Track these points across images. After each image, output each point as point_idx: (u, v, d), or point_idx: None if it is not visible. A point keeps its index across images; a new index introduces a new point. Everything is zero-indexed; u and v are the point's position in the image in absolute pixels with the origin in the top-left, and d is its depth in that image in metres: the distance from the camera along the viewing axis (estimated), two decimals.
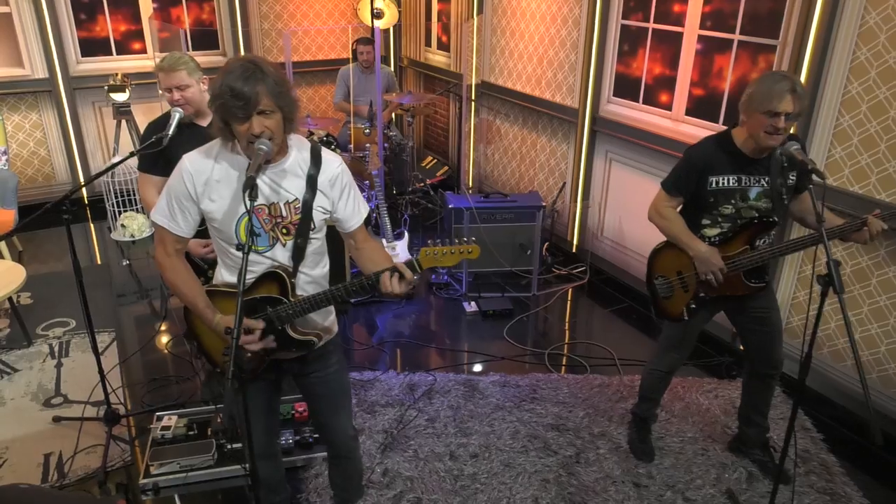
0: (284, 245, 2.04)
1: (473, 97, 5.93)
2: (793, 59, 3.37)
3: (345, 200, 2.10)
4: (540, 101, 5.23)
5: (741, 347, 3.68)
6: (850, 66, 3.15)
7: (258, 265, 2.05)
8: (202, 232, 2.92)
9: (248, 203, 1.74)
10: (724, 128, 2.61)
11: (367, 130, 5.30)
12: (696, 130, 4.04)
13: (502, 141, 5.90)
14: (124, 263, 5.07)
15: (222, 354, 2.13)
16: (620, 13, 4.42)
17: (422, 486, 2.93)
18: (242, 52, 6.32)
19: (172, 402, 3.48)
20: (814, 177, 2.18)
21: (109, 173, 5.36)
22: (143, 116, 5.66)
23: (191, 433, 3.18)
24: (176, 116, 2.80)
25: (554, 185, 5.31)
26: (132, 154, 2.78)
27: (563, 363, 3.93)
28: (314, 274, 2.14)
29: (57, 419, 3.31)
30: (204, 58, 6.09)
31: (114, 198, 5.45)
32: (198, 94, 2.87)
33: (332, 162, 2.08)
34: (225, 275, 2.12)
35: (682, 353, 2.92)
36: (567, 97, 4.96)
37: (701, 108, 4.00)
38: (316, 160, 2.05)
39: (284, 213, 2.01)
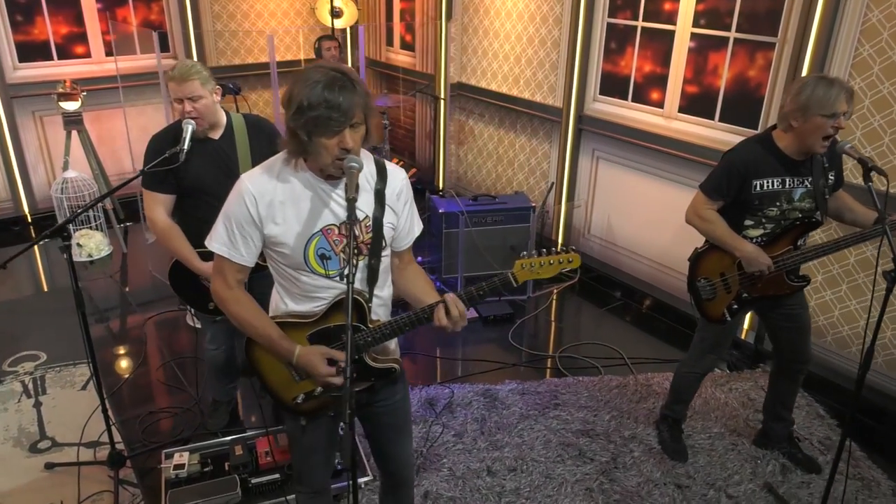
0: (355, 267, 1.89)
1: (444, 96, 5.81)
2: (793, 56, 3.44)
3: (405, 216, 1.97)
4: (518, 101, 5.18)
5: (769, 345, 3.73)
6: (853, 63, 3.24)
7: (329, 291, 1.89)
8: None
9: (350, 229, 1.59)
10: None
11: None
12: (691, 128, 4.09)
13: (476, 142, 5.82)
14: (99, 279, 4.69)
15: (316, 392, 1.95)
16: (606, 11, 4.42)
17: None
18: (195, 55, 5.96)
19: (177, 437, 3.21)
20: (873, 174, 2.20)
21: (60, 188, 4.94)
22: (91, 126, 5.25)
23: (206, 470, 2.95)
24: (189, 129, 2.57)
25: (535, 184, 5.28)
26: (142, 172, 2.53)
27: (576, 366, 3.89)
28: (384, 295, 1.99)
29: (50, 466, 3.00)
30: (151, 61, 5.73)
31: (67, 214, 5.01)
32: (211, 105, 2.65)
33: (398, 175, 1.94)
34: (289, 304, 1.93)
35: (719, 354, 2.93)
36: (549, 96, 4.93)
37: (695, 105, 4.05)
38: (382, 173, 1.91)
39: (357, 233, 1.86)
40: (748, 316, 3.86)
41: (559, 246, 5.09)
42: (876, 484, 2.97)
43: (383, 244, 1.91)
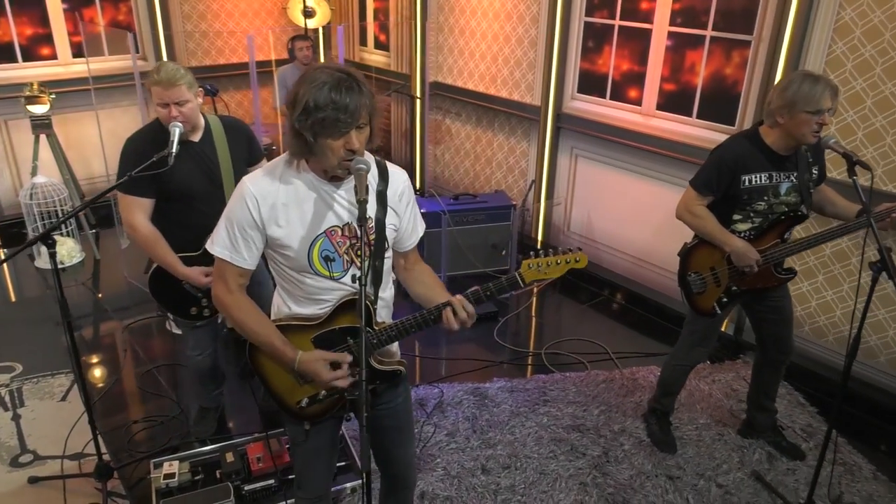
0: (359, 268, 1.88)
1: (420, 95, 5.80)
2: (769, 54, 3.53)
3: (408, 217, 1.97)
4: (496, 100, 5.20)
5: (749, 336, 3.81)
6: (827, 60, 3.33)
7: (333, 293, 1.87)
8: (203, 261, 2.67)
9: (361, 230, 1.59)
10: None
11: None
12: (669, 125, 4.16)
13: (454, 141, 5.82)
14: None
15: (320, 396, 1.94)
16: (583, 11, 4.46)
17: None
18: (165, 56, 5.85)
19: (164, 446, 3.15)
20: (856, 167, 2.27)
21: (29, 194, 4.79)
22: (57, 129, 5.10)
23: (197, 478, 2.90)
24: (177, 132, 2.52)
25: (514, 182, 5.31)
26: (130, 176, 2.46)
27: (562, 362, 3.92)
28: (386, 297, 1.99)
29: (34, 480, 2.91)
30: (121, 63, 5.62)
31: (37, 220, 4.87)
32: (196, 109, 2.61)
33: (399, 175, 1.93)
34: (292, 306, 1.91)
35: (707, 346, 2.98)
36: (526, 95, 4.96)
37: (673, 102, 4.12)
38: (383, 174, 1.90)
39: (360, 233, 1.85)
40: None
41: (539, 244, 5.14)
42: (858, 468, 3.06)
43: (386, 245, 1.90)
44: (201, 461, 2.99)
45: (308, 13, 6.16)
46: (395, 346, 2.02)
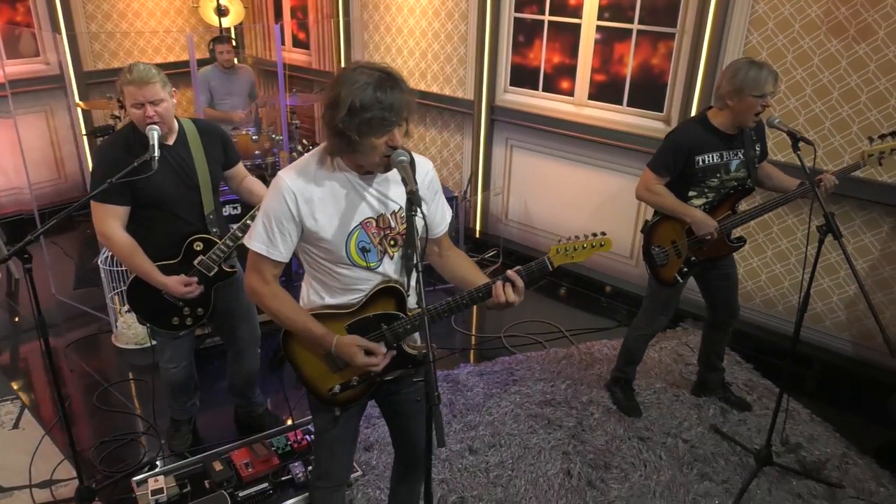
0: (392, 258, 1.93)
1: None
2: (692, 45, 3.85)
3: (436, 204, 2.04)
4: (427, 95, 5.29)
5: (688, 305, 4.09)
6: (744, 50, 3.69)
7: (368, 282, 1.93)
8: (181, 269, 2.61)
9: (411, 219, 1.66)
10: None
11: (256, 137, 4.94)
12: (601, 113, 4.43)
13: None
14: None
15: (353, 382, 1.99)
16: (513, 7, 4.64)
17: (459, 485, 2.93)
18: (69, 58, 5.49)
19: (141, 462, 3.03)
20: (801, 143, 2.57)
21: None
22: None
23: (185, 491, 2.82)
24: (155, 136, 2.45)
25: (449, 175, 5.43)
26: (110, 183, 2.36)
27: (521, 344, 4.09)
28: (413, 283, 2.05)
29: None
30: (23, 67, 5.25)
31: None
32: (171, 108, 2.54)
33: (424, 165, 2.00)
34: (326, 297, 1.95)
35: (667, 315, 3.24)
36: (458, 89, 5.09)
37: (604, 92, 4.39)
38: (411, 165, 1.96)
39: (393, 224, 1.91)
40: None
41: (478, 234, 5.30)
42: (797, 413, 3.43)
43: (417, 234, 1.96)
44: (185, 473, 2.92)
45: (222, 12, 5.99)
46: (416, 333, 2.09)
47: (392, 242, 1.91)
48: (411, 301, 1.97)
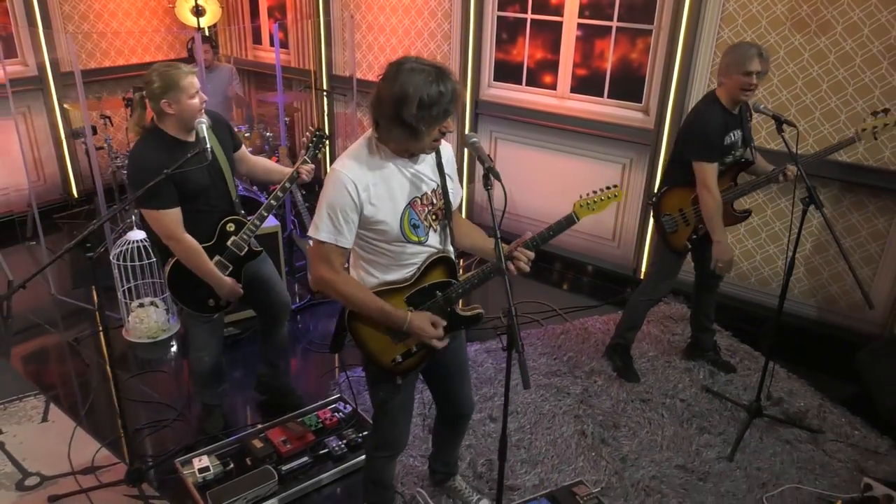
0: (435, 231, 2.14)
1: (325, 88, 5.93)
2: (669, 40, 4.18)
3: (455, 181, 2.24)
4: None
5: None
6: (716, 44, 4.03)
7: (419, 256, 2.13)
8: (215, 250, 2.76)
9: (489, 191, 1.86)
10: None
11: (248, 134, 5.05)
12: (583, 105, 4.72)
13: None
14: None
15: (414, 349, 2.20)
16: (496, 6, 4.89)
17: (486, 448, 3.16)
18: (47, 60, 5.45)
19: (182, 445, 3.15)
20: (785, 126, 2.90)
21: None
22: None
23: (229, 468, 2.97)
24: (203, 127, 2.58)
25: None
26: (157, 182, 2.48)
27: (518, 322, 4.33)
28: (450, 250, 2.25)
29: (54, 499, 2.80)
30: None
31: None
32: None
33: (446, 145, 2.19)
34: (380, 275, 2.13)
35: (672, 280, 3.52)
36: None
37: (585, 85, 4.68)
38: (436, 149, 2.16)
39: (434, 201, 2.11)
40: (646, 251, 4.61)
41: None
42: (776, 372, 3.79)
43: (451, 207, 2.18)
44: (226, 452, 3.06)
45: (199, 12, 6.03)
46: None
47: (434, 217, 2.11)
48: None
